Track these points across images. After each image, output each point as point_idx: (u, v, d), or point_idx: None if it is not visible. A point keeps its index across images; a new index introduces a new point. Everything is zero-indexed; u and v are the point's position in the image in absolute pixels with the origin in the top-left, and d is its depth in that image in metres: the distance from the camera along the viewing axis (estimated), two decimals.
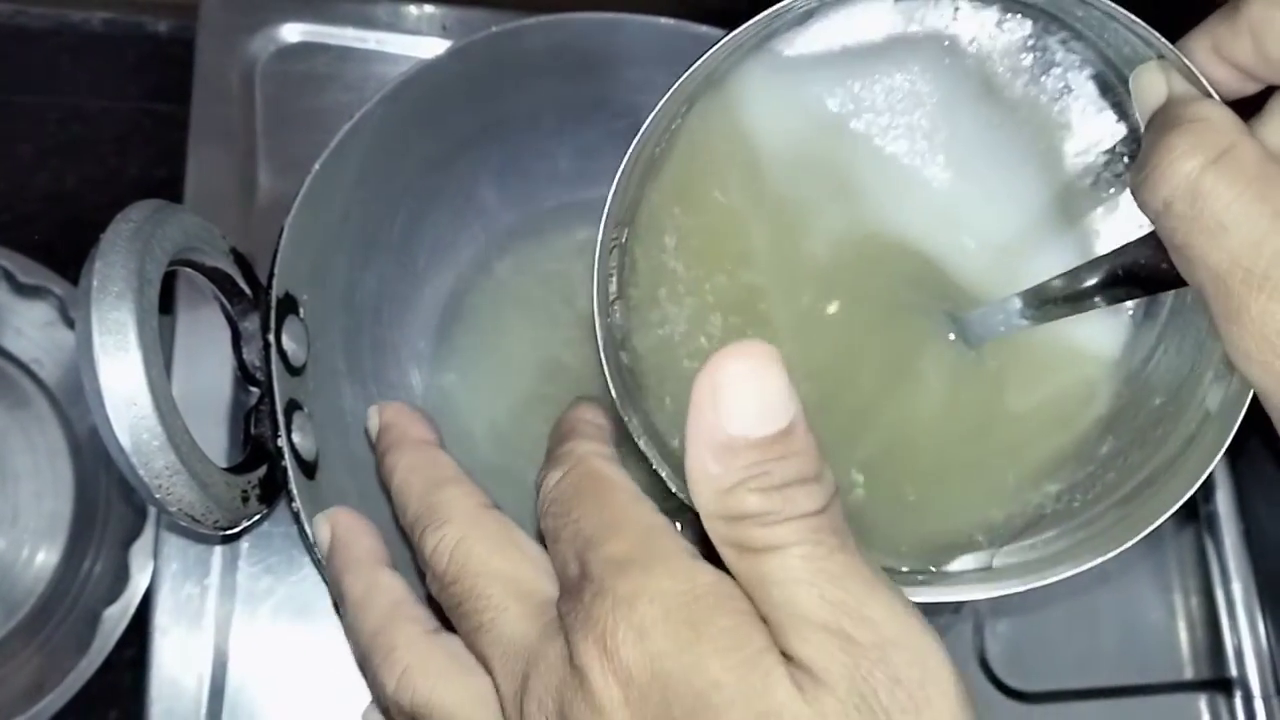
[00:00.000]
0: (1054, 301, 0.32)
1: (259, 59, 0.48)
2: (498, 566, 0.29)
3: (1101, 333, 0.36)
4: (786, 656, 0.23)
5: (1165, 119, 0.26)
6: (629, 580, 0.24)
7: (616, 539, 0.26)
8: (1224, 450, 0.31)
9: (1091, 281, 0.30)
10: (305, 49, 0.48)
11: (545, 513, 0.29)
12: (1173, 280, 0.27)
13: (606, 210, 0.31)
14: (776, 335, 0.34)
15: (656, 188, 0.33)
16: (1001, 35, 0.33)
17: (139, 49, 0.53)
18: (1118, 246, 0.30)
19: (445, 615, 0.30)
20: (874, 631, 0.23)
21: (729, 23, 0.32)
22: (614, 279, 0.33)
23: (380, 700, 0.30)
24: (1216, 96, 0.28)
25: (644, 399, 0.33)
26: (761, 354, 0.23)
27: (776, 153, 0.34)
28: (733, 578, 0.24)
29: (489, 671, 0.28)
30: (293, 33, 0.48)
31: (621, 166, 0.31)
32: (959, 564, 0.34)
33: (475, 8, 0.50)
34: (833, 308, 0.34)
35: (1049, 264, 0.33)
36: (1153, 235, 0.28)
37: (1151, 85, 0.28)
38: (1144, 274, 0.29)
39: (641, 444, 0.32)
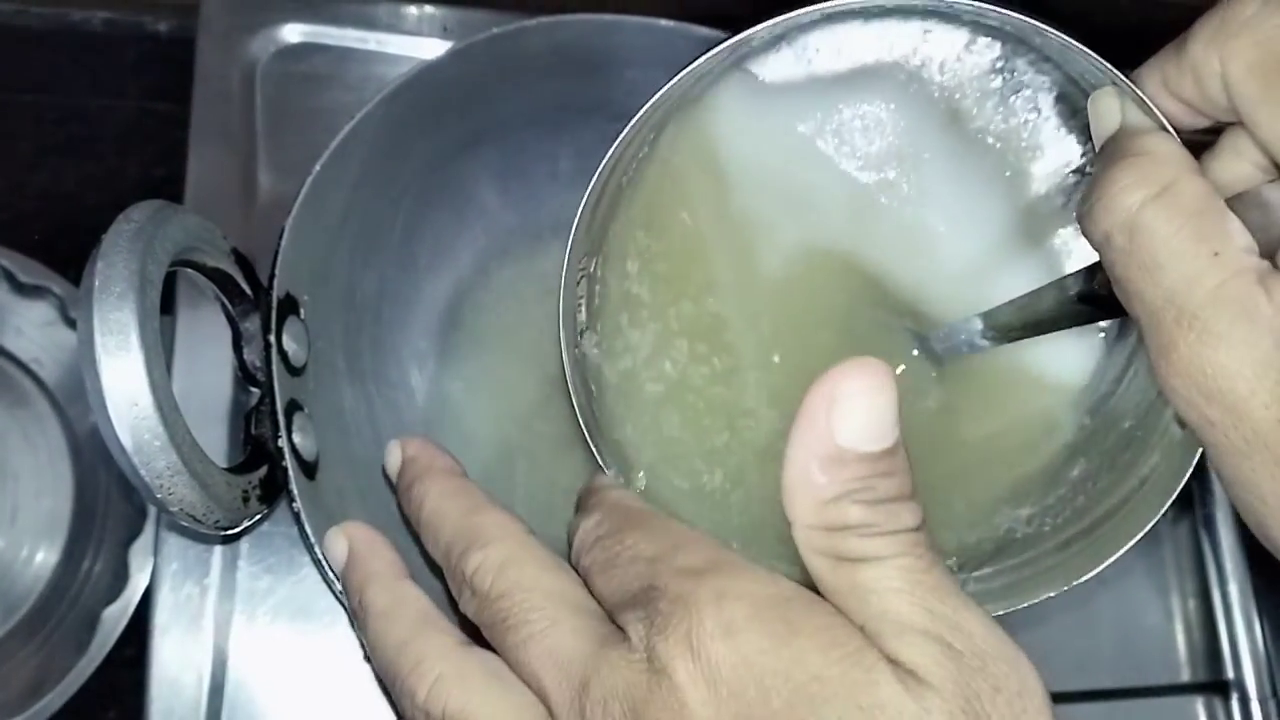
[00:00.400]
0: (1012, 324, 0.32)
1: (259, 59, 0.48)
2: (549, 583, 0.28)
3: (1070, 358, 0.35)
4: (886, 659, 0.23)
5: (1115, 149, 0.27)
6: (711, 584, 0.25)
7: (685, 554, 0.26)
8: (1188, 477, 0.31)
9: (1047, 305, 0.30)
10: (306, 49, 0.48)
11: (589, 548, 0.29)
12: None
13: (571, 241, 0.31)
14: (740, 363, 0.34)
15: (624, 210, 0.33)
16: (970, 57, 0.33)
17: (139, 48, 0.53)
18: (1071, 272, 0.30)
19: (477, 636, 0.30)
20: (972, 642, 0.23)
21: (728, 25, 0.32)
22: (583, 309, 0.33)
23: (406, 712, 0.29)
24: (1170, 127, 0.28)
25: (612, 429, 0.33)
26: (880, 372, 0.23)
27: (743, 175, 0.34)
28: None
29: (535, 684, 0.27)
30: (293, 33, 0.48)
31: (585, 196, 0.31)
32: None
33: (476, 9, 0.50)
34: (795, 332, 0.34)
35: (1019, 284, 0.33)
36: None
37: (1107, 112, 0.28)
38: (1099, 299, 0.29)
39: (610, 475, 0.32)
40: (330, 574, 0.35)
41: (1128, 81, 0.29)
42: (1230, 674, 0.50)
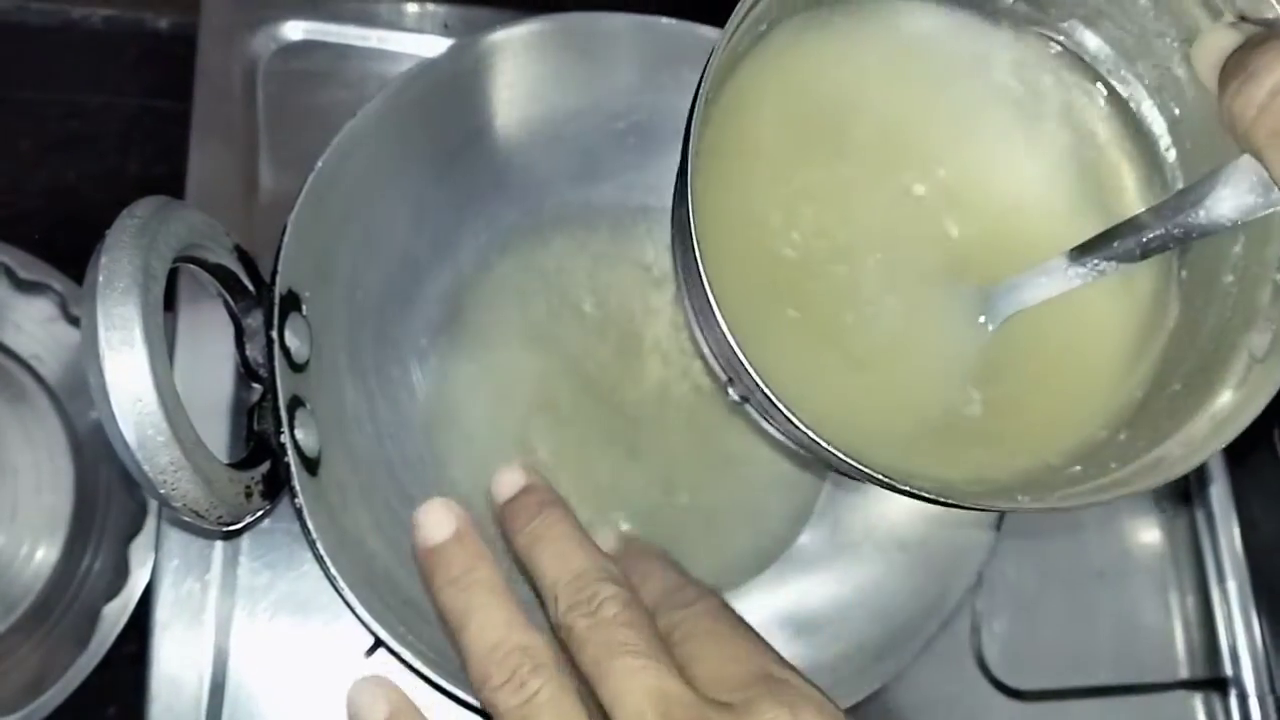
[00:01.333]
0: (1100, 254, 0.32)
1: (261, 56, 0.48)
2: (659, 644, 0.31)
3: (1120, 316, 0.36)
4: None
5: (1252, 41, 0.29)
6: (800, 694, 0.30)
7: (780, 663, 0.32)
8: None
9: (1137, 231, 0.31)
10: (307, 47, 0.48)
11: (677, 604, 0.33)
12: (1215, 227, 0.29)
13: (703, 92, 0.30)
14: (862, 236, 0.35)
15: (772, 46, 0.34)
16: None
17: (140, 45, 0.53)
18: (1160, 201, 0.31)
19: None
20: None
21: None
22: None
23: (477, 646, 0.31)
24: None
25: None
26: None
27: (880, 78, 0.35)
28: None
29: (604, 695, 0.29)
30: (295, 30, 0.48)
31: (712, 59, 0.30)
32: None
33: (477, 6, 0.50)
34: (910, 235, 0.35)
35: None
36: (1190, 190, 0.29)
37: (1224, 33, 0.30)
38: (1189, 224, 0.30)
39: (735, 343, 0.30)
40: (331, 570, 0.35)
41: None
42: (1229, 671, 0.50)
